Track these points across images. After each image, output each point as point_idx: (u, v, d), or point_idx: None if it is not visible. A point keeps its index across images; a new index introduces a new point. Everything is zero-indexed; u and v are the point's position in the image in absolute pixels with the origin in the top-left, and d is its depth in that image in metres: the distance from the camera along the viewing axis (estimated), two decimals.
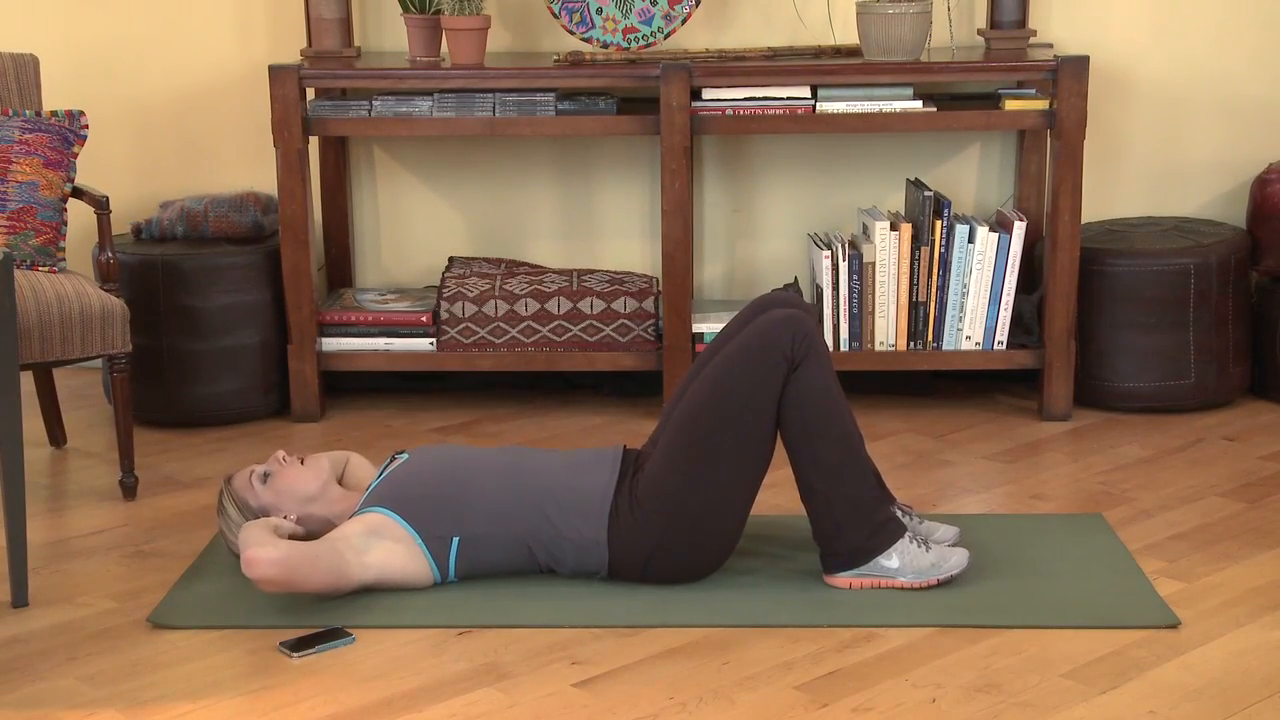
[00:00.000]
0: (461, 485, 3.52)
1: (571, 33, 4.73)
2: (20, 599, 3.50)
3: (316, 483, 3.60)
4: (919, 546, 3.50)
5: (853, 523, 3.47)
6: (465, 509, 3.49)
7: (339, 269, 5.07)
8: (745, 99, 4.56)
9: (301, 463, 3.63)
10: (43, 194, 4.22)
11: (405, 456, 3.68)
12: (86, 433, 4.66)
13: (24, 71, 4.41)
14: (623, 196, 5.07)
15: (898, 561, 3.48)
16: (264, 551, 3.31)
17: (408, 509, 3.49)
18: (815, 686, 3.11)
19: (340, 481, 3.77)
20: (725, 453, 3.43)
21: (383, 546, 3.46)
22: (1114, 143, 4.97)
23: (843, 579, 3.51)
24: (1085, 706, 3.02)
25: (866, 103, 4.56)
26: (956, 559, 3.52)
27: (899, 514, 3.59)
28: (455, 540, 3.48)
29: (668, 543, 3.46)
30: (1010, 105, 4.58)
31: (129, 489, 4.15)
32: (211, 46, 5.06)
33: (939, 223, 4.60)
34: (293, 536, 3.53)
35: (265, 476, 3.59)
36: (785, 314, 3.48)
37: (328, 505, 3.60)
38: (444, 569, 3.50)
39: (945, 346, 4.67)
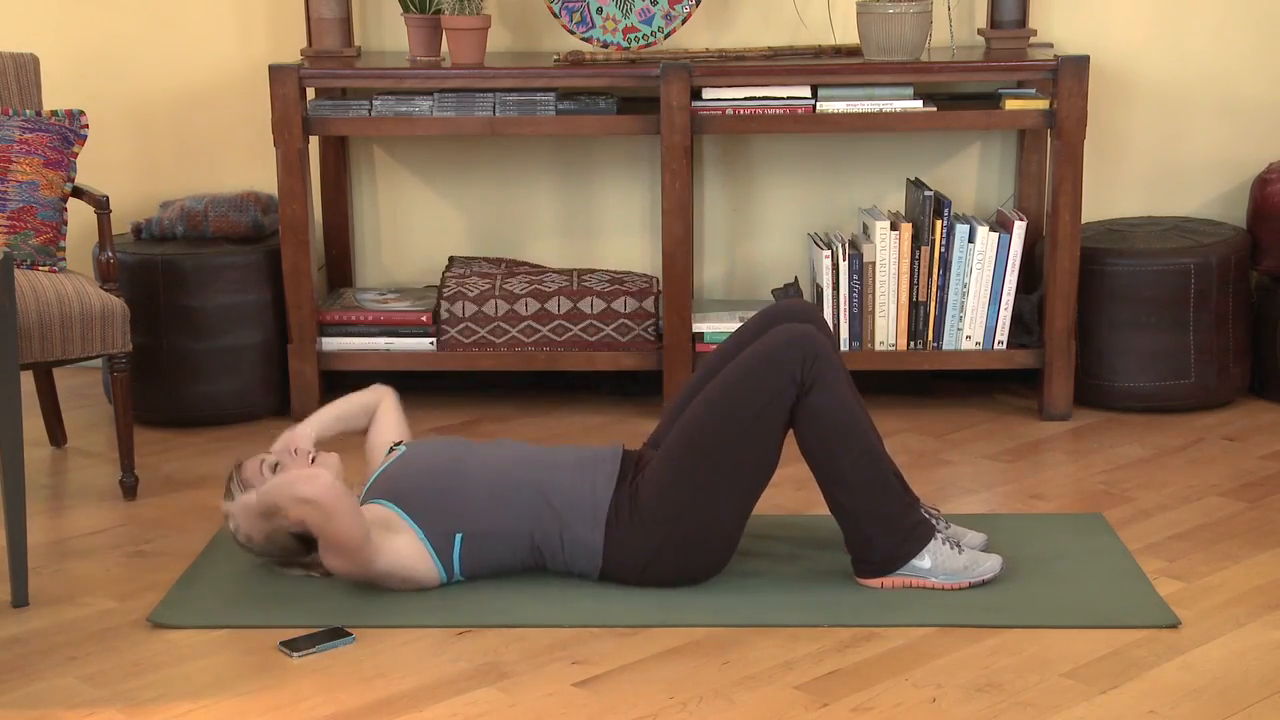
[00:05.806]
0: (461, 479, 3.51)
1: (571, 32, 4.73)
2: (20, 599, 3.50)
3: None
4: (951, 548, 3.50)
5: (883, 533, 3.47)
6: (466, 504, 3.48)
7: (339, 269, 5.06)
8: (745, 99, 4.56)
9: (312, 462, 3.61)
10: (43, 194, 4.22)
11: (403, 449, 3.67)
12: (86, 433, 4.66)
13: (24, 71, 4.41)
14: (623, 196, 5.07)
15: (929, 562, 3.48)
16: (322, 472, 3.35)
17: (409, 504, 3.48)
18: (815, 686, 3.11)
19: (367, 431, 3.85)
20: (728, 467, 3.42)
21: (392, 538, 3.45)
22: (1114, 143, 4.97)
23: (874, 580, 3.52)
24: (1085, 706, 3.02)
25: (866, 103, 4.56)
26: (990, 564, 3.52)
27: (927, 515, 3.59)
28: (459, 537, 3.47)
29: (665, 550, 3.45)
30: (1010, 105, 4.58)
31: (129, 489, 4.15)
32: (211, 46, 5.06)
33: (939, 222, 4.60)
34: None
35: (276, 467, 3.58)
36: (798, 332, 3.43)
37: None
38: (449, 567, 3.49)
39: (945, 346, 4.67)
